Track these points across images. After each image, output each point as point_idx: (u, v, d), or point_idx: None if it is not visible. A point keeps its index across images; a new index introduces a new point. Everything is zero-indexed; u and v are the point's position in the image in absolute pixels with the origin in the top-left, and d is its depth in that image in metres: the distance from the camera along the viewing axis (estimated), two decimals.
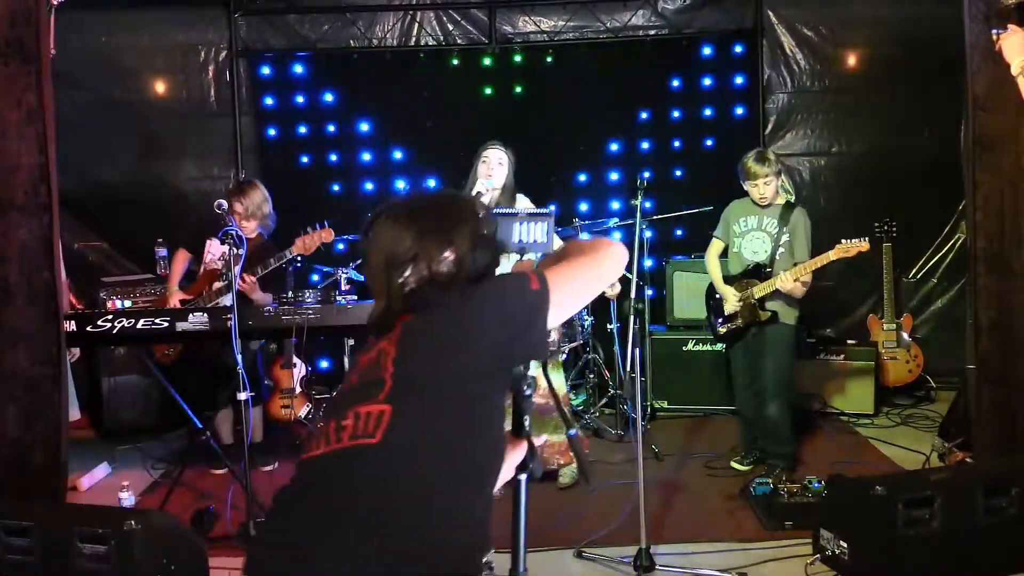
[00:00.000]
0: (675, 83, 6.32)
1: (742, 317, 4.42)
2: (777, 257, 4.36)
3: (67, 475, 3.67)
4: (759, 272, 4.38)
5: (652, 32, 6.29)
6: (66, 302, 4.09)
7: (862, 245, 4.17)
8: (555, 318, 1.62)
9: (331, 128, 6.35)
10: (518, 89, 6.31)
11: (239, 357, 3.72)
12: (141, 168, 6.23)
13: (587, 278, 1.69)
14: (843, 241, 4.19)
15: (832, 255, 4.17)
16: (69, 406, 3.86)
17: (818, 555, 3.33)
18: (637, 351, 3.82)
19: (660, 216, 5.58)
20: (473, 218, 1.71)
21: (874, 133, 6.17)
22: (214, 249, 4.72)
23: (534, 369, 4.28)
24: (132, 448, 5.11)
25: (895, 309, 5.70)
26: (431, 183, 6.40)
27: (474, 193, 4.02)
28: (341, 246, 5.45)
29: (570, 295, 1.65)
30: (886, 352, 5.68)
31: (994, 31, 3.11)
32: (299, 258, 5.24)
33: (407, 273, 1.66)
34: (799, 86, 6.19)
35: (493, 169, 4.10)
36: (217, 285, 4.56)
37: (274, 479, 4.62)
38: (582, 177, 6.38)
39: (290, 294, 4.82)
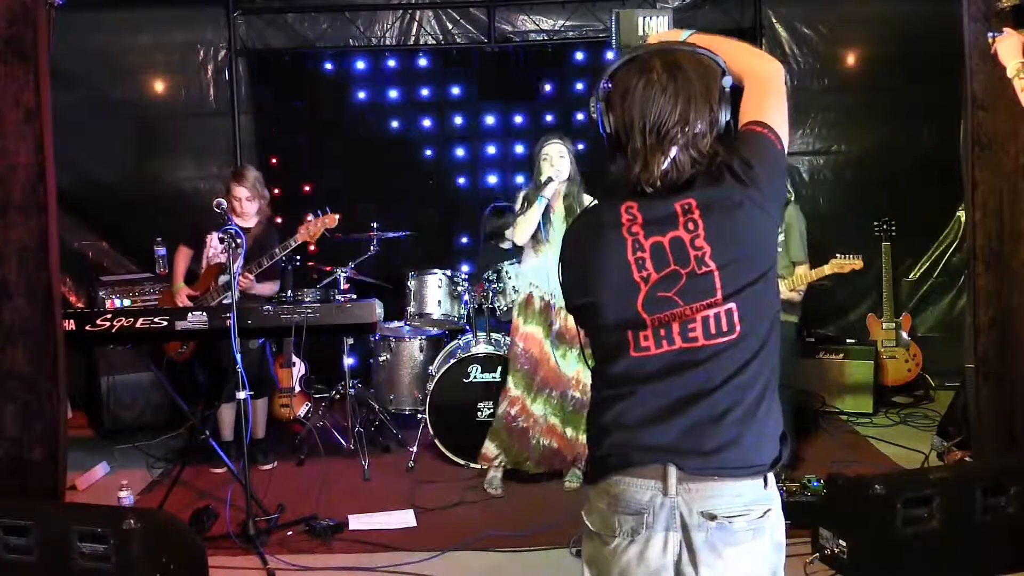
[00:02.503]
0: None
1: None
2: None
3: (66, 474, 3.67)
4: None
5: None
6: None
7: (856, 263, 4.29)
8: None
9: (332, 127, 6.34)
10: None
11: (238, 356, 3.72)
12: (140, 167, 6.23)
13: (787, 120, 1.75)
14: (838, 256, 4.30)
15: (827, 269, 4.30)
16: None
17: (817, 554, 3.33)
18: None
19: None
20: (718, 72, 1.67)
21: (873, 132, 6.17)
22: (215, 243, 4.71)
23: (576, 365, 4.26)
24: (131, 447, 5.11)
25: (894, 308, 5.70)
26: (429, 181, 6.41)
27: (543, 179, 4.13)
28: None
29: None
30: (885, 351, 5.68)
31: (990, 34, 3.13)
32: (298, 257, 5.26)
33: (676, 142, 1.62)
34: (798, 85, 6.18)
35: (556, 162, 4.17)
36: (223, 279, 4.56)
37: (273, 478, 4.62)
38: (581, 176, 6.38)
39: (289, 293, 4.83)
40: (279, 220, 5.37)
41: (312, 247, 4.71)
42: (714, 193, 1.61)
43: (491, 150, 6.40)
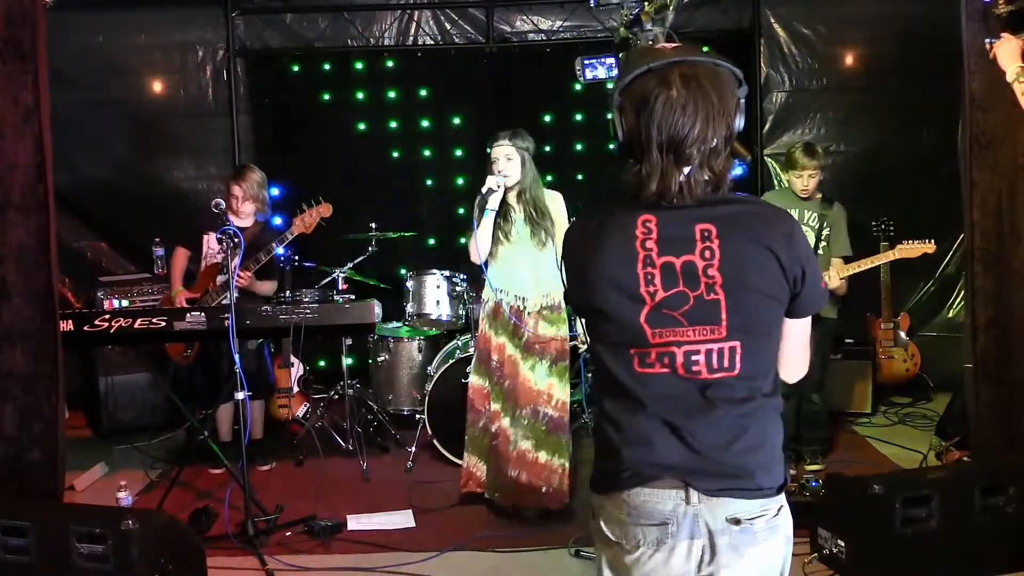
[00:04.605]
0: None
1: None
2: (819, 252, 4.37)
3: (64, 474, 3.67)
4: None
5: None
6: None
7: (928, 247, 4.34)
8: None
9: (330, 127, 6.34)
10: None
11: (237, 356, 3.72)
12: (139, 167, 6.22)
13: (805, 351, 1.79)
14: (904, 242, 4.37)
15: (895, 254, 4.31)
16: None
17: (816, 554, 3.34)
18: None
19: None
20: (735, 83, 1.66)
21: (872, 132, 6.16)
22: (213, 244, 4.70)
23: (547, 379, 4.00)
24: (130, 448, 5.10)
25: (893, 308, 5.70)
26: (428, 182, 6.42)
27: (484, 190, 3.92)
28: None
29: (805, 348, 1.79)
30: (884, 351, 5.68)
31: (987, 40, 3.13)
32: (296, 257, 5.25)
33: (692, 161, 1.62)
34: (797, 85, 6.19)
35: (503, 165, 3.97)
36: (221, 279, 4.55)
37: (272, 479, 4.62)
38: (580, 176, 6.39)
39: (288, 293, 4.82)
40: (279, 220, 5.37)
41: (309, 232, 4.62)
42: (725, 207, 1.64)
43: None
